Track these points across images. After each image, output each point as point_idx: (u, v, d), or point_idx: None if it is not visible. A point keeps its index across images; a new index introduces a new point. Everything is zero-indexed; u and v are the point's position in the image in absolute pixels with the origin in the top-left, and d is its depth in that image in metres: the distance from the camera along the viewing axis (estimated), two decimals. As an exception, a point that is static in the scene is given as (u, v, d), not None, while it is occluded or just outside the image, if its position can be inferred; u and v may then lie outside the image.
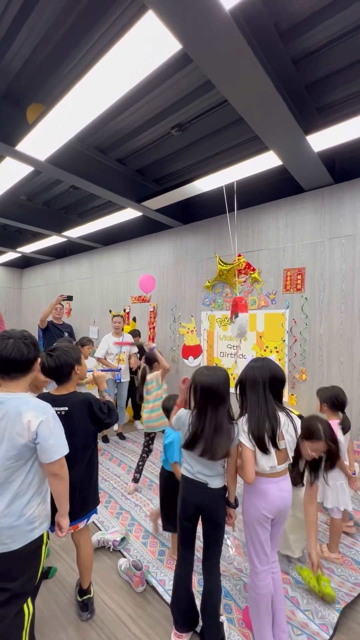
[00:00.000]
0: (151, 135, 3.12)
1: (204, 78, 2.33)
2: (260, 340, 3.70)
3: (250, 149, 3.14)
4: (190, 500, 1.52)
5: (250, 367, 1.53)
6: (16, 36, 2.12)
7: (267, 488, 1.45)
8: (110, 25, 1.97)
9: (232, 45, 1.68)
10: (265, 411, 1.43)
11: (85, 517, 1.67)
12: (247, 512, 1.49)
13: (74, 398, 1.64)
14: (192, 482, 1.51)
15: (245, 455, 1.43)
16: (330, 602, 1.70)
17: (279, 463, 1.44)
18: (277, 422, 1.43)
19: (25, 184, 4.24)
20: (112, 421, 1.70)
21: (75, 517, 1.60)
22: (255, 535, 1.47)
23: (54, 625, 1.62)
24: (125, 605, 1.74)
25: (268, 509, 1.44)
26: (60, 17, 1.98)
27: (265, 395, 1.46)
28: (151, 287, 4.25)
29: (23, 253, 6.97)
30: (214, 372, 1.49)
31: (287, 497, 1.49)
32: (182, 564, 1.58)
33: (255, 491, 1.46)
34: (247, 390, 1.50)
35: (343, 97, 2.55)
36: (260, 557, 1.47)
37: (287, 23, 1.97)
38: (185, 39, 1.64)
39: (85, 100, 2.14)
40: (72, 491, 1.49)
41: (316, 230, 3.36)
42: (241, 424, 1.47)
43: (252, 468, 1.42)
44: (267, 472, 1.44)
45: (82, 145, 3.21)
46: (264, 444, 1.40)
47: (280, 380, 1.50)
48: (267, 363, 1.52)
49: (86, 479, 1.66)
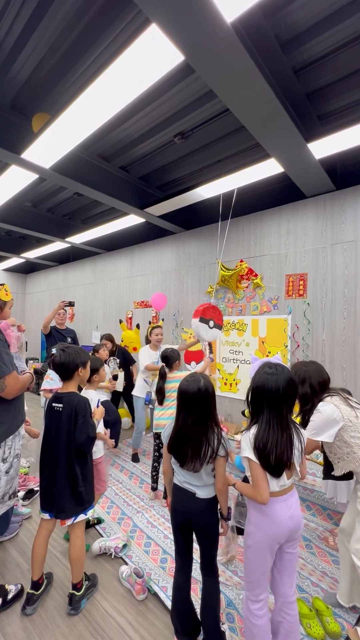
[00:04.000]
0: (154, 143, 3.16)
1: (206, 88, 2.37)
2: (262, 345, 3.69)
3: (252, 156, 3.18)
4: (179, 509, 1.51)
5: (266, 373, 1.34)
6: (23, 49, 2.17)
7: (276, 508, 1.30)
8: (114, 37, 2.01)
9: (234, 56, 1.72)
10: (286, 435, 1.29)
11: (73, 515, 1.74)
12: (253, 537, 1.33)
13: (68, 398, 1.77)
14: (181, 490, 1.51)
15: (257, 473, 1.28)
16: (336, 638, 1.61)
17: (287, 479, 1.34)
18: (293, 447, 1.30)
19: (30, 191, 4.30)
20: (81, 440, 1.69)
21: (61, 514, 1.72)
22: (260, 562, 1.31)
23: (54, 631, 1.61)
24: (126, 613, 1.73)
25: (278, 533, 1.29)
26: (65, 31, 2.03)
27: (286, 414, 1.31)
28: (162, 305, 4.32)
29: (27, 259, 7.03)
30: (193, 379, 1.47)
31: (298, 516, 1.34)
32: (179, 572, 1.57)
33: (262, 512, 1.31)
34: (265, 403, 1.32)
35: (344, 105, 2.58)
36: (261, 586, 1.33)
37: (288, 34, 2.01)
38: (187, 50, 1.68)
39: (90, 110, 2.18)
40: (61, 487, 1.70)
41: (318, 236, 3.37)
42: (247, 438, 1.33)
43: (266, 486, 1.27)
44: (275, 491, 1.31)
45: (86, 153, 3.26)
46: (274, 469, 1.27)
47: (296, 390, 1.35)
48: (282, 372, 1.33)
49: (73, 479, 1.72)
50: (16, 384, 1.72)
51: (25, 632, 1.60)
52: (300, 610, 1.70)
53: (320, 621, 1.67)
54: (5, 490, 1.75)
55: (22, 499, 2.71)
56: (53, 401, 1.78)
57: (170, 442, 1.48)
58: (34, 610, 1.69)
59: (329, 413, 1.61)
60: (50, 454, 1.75)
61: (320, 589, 1.92)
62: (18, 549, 2.18)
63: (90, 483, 1.82)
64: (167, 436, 1.53)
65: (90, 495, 1.81)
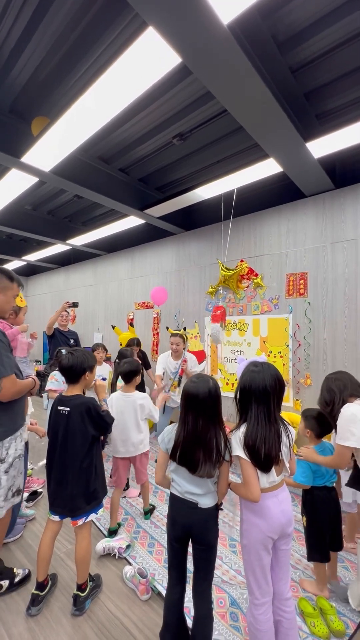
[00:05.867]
0: (153, 145, 3.17)
1: (204, 89, 2.38)
2: (264, 345, 3.70)
3: (251, 156, 3.18)
4: (179, 520, 1.42)
5: (252, 371, 1.38)
6: (21, 54, 2.19)
7: (267, 504, 1.33)
8: (112, 41, 2.02)
9: (231, 57, 1.72)
10: (274, 430, 1.32)
11: (84, 514, 1.76)
12: (248, 536, 1.36)
13: (76, 401, 1.78)
14: (181, 501, 1.42)
15: (248, 471, 1.30)
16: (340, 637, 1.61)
17: (276, 475, 1.36)
18: (281, 442, 1.34)
19: (30, 194, 4.32)
20: (108, 426, 1.83)
21: (74, 514, 1.74)
22: (257, 561, 1.33)
23: (59, 632, 1.61)
24: (130, 613, 1.73)
25: (271, 529, 1.32)
26: (63, 35, 2.04)
27: (274, 410, 1.35)
28: (163, 299, 4.28)
29: (28, 261, 7.06)
30: (200, 380, 1.41)
31: (289, 510, 1.38)
32: (174, 587, 1.46)
33: (254, 510, 1.35)
34: (253, 400, 1.36)
35: (342, 104, 2.58)
36: (262, 587, 1.34)
37: (285, 34, 2.01)
38: (184, 53, 1.69)
39: (88, 113, 2.19)
40: (72, 489, 1.72)
41: (318, 235, 3.37)
42: (237, 436, 1.35)
43: (257, 484, 1.29)
44: (265, 487, 1.34)
45: (85, 155, 3.28)
46: (264, 464, 1.30)
47: (283, 386, 1.39)
48: (268, 369, 1.38)
49: (84, 479, 1.74)
50: (13, 386, 1.71)
51: (30, 633, 1.60)
52: (305, 610, 1.70)
53: (325, 620, 1.67)
54: (8, 489, 1.78)
55: (26, 500, 2.72)
56: (58, 404, 1.79)
57: (180, 448, 1.37)
58: (38, 611, 1.70)
59: (352, 412, 1.59)
60: (57, 457, 1.75)
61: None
62: (22, 551, 2.19)
63: (102, 479, 1.85)
64: (168, 441, 1.45)
65: (102, 492, 1.84)
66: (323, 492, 1.83)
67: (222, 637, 1.59)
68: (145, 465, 2.51)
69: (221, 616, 1.70)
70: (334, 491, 1.88)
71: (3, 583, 1.80)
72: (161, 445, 1.49)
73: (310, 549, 1.81)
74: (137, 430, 2.36)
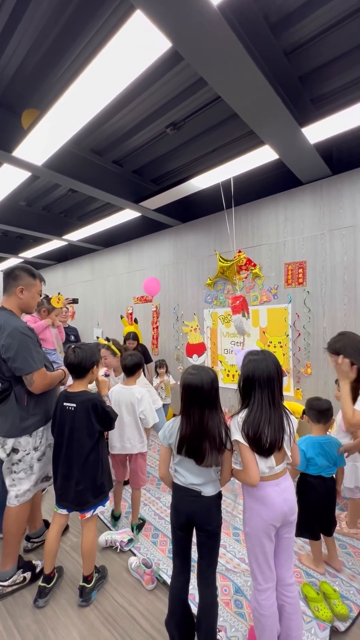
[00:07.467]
0: (146, 135, 3.12)
1: (196, 75, 2.33)
2: (264, 335, 3.69)
3: (246, 144, 3.13)
4: (182, 509, 1.43)
5: (254, 360, 1.40)
6: (7, 44, 2.13)
7: (268, 492, 1.34)
8: (100, 27, 1.97)
9: (222, 41, 1.68)
10: (278, 414, 1.35)
11: (92, 507, 1.79)
12: (250, 523, 1.37)
13: (82, 397, 1.80)
14: (185, 490, 1.43)
15: (246, 456, 1.32)
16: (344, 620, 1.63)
17: (277, 463, 1.36)
18: (282, 429, 1.36)
19: (24, 189, 4.26)
20: (112, 422, 1.85)
21: (83, 507, 1.77)
22: (259, 548, 1.35)
23: (67, 622, 1.64)
24: (136, 602, 1.76)
25: (273, 517, 1.33)
26: (49, 23, 1.99)
27: (276, 396, 1.37)
28: (156, 290, 4.24)
29: (25, 258, 7.02)
30: (200, 371, 1.41)
31: (291, 499, 1.38)
32: (178, 575, 1.47)
33: (256, 498, 1.36)
34: (257, 385, 1.37)
35: (337, 87, 2.53)
36: (265, 573, 1.35)
37: (277, 15, 1.96)
38: (174, 37, 1.64)
39: (79, 103, 2.14)
40: (78, 483, 1.75)
41: (316, 223, 3.34)
42: (236, 421, 1.37)
43: (256, 468, 1.31)
44: (265, 475, 1.35)
45: (77, 148, 3.22)
46: (264, 449, 1.31)
47: (282, 373, 1.43)
48: (269, 356, 1.41)
49: (91, 473, 1.77)
50: (43, 379, 1.80)
51: (38, 625, 1.63)
52: (308, 594, 1.73)
53: (328, 604, 1.69)
54: (40, 475, 1.89)
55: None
56: (64, 401, 1.80)
57: (185, 441, 1.37)
58: (45, 602, 1.72)
59: None
60: (64, 452, 1.77)
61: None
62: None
63: (108, 473, 1.89)
64: (170, 436, 1.44)
65: (109, 486, 1.87)
66: (317, 481, 1.89)
67: (227, 623, 1.61)
68: (143, 469, 2.34)
69: (225, 603, 1.72)
70: (331, 482, 1.91)
71: (26, 575, 1.86)
72: (163, 442, 1.49)
73: (298, 527, 1.82)
74: (134, 426, 2.31)
